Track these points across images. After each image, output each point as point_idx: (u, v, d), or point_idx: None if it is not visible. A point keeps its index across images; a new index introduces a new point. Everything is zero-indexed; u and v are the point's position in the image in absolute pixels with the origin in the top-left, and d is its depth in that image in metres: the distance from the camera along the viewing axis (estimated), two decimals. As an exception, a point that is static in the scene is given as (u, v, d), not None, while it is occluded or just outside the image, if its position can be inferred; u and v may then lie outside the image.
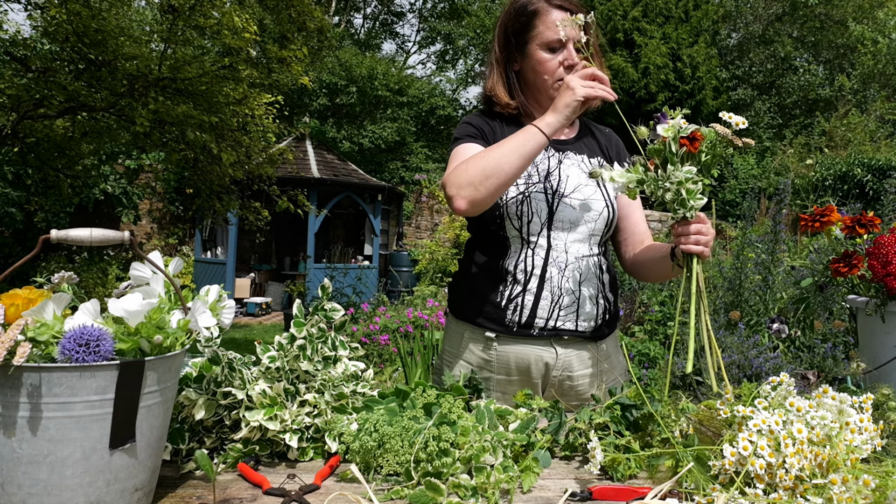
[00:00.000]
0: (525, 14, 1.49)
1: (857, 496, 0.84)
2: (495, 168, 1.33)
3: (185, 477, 1.02)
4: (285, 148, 7.04)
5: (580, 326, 1.50)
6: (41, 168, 6.02)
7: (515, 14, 1.51)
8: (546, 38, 1.47)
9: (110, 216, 9.44)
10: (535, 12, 1.48)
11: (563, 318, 1.48)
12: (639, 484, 1.02)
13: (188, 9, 5.09)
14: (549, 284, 1.47)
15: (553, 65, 1.48)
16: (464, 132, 1.56)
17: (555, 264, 1.48)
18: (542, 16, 1.47)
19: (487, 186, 1.34)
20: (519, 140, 1.35)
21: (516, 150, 1.34)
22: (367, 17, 23.31)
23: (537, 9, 1.48)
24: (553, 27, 1.45)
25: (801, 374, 1.69)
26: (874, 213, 1.64)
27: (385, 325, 5.23)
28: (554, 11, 1.46)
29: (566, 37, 1.44)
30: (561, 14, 1.45)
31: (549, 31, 1.46)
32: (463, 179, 1.35)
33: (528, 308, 1.48)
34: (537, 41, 1.48)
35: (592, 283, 1.51)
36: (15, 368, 0.75)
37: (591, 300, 1.50)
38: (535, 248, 1.48)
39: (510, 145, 1.36)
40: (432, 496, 0.92)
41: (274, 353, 1.14)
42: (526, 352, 1.50)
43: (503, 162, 1.34)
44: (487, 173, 1.34)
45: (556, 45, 1.47)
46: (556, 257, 1.48)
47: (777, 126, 16.74)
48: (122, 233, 0.88)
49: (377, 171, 14.33)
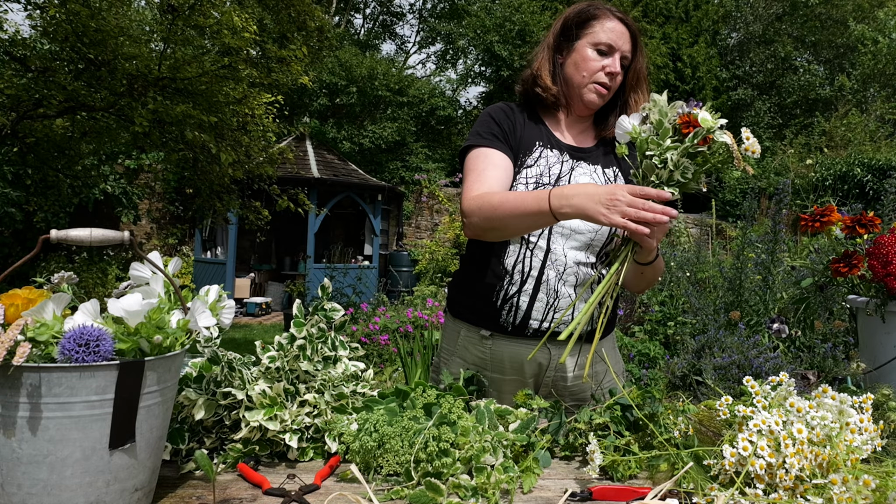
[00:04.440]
0: (587, 13, 1.55)
1: (857, 496, 0.84)
2: (503, 225, 1.39)
3: (185, 477, 1.02)
4: (285, 148, 7.04)
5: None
6: (41, 168, 6.01)
7: (579, 11, 1.56)
8: (598, 38, 1.51)
9: (110, 216, 9.44)
10: (597, 14, 1.54)
11: (558, 321, 1.48)
12: (639, 484, 1.02)
13: (188, 8, 5.09)
14: (546, 287, 1.48)
15: (595, 65, 1.51)
16: (485, 129, 1.56)
17: (552, 267, 1.48)
18: (603, 19, 1.52)
19: (492, 234, 1.45)
20: (528, 204, 1.32)
21: (520, 216, 1.34)
22: (366, 17, 23.31)
23: (600, 12, 1.54)
24: (609, 31, 1.51)
25: (802, 374, 1.69)
26: (874, 213, 1.64)
27: (385, 325, 5.23)
28: (615, 21, 1.53)
29: (616, 45, 1.50)
30: (620, 26, 1.52)
31: (604, 33, 1.51)
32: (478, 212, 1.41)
33: (522, 309, 1.49)
34: (589, 39, 1.52)
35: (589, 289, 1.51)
36: (15, 368, 0.75)
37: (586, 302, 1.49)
38: (535, 250, 1.49)
39: (519, 206, 1.33)
40: (432, 496, 0.92)
41: (274, 353, 1.14)
42: (520, 351, 1.51)
43: (510, 223, 1.37)
44: (495, 225, 1.40)
45: (604, 49, 1.51)
46: (555, 260, 1.48)
47: (777, 126, 16.74)
48: (122, 233, 0.88)
49: (377, 171, 14.33)
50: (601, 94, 1.52)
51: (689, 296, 3.51)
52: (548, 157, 1.54)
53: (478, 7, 17.47)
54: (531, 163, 1.52)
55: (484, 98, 18.45)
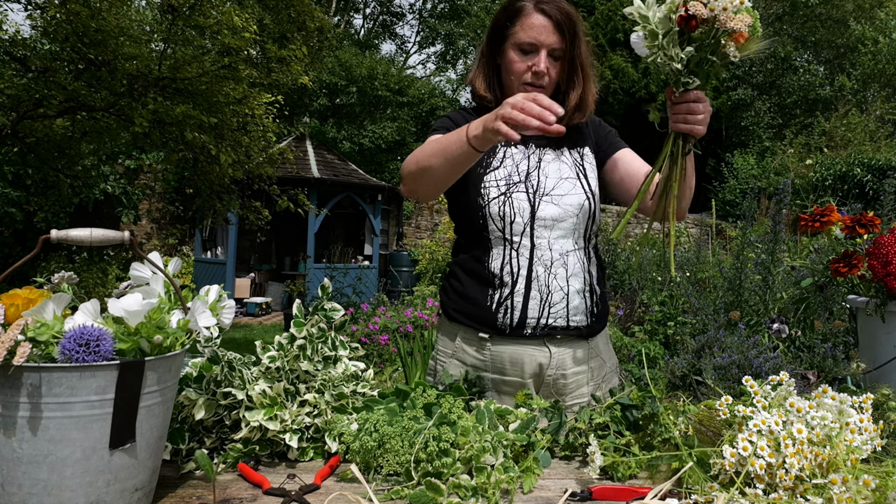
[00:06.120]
0: (510, 10, 1.48)
1: (857, 496, 0.84)
2: (426, 168, 1.37)
3: (185, 477, 1.02)
4: (285, 148, 7.05)
5: (572, 322, 1.50)
6: (41, 168, 6.01)
7: (503, 9, 1.50)
8: (519, 38, 1.45)
9: (110, 216, 9.44)
10: (518, 10, 1.46)
11: (554, 316, 1.48)
12: (639, 484, 1.02)
13: (188, 8, 5.09)
14: (537, 283, 1.47)
15: (520, 67, 1.46)
16: (440, 124, 1.56)
17: (540, 263, 1.48)
18: (523, 17, 1.45)
19: (420, 183, 1.42)
20: (449, 141, 1.33)
21: (443, 153, 1.33)
22: (366, 17, 23.32)
23: (521, 7, 1.45)
24: (528, 29, 1.43)
25: (801, 374, 1.69)
26: (874, 213, 1.64)
27: (385, 325, 5.23)
28: (535, 15, 1.44)
29: (539, 42, 1.43)
30: (542, 19, 1.43)
31: (524, 32, 1.44)
32: (405, 170, 1.44)
33: (518, 309, 1.48)
34: (512, 40, 1.47)
35: (579, 276, 1.51)
36: (15, 368, 0.75)
37: (579, 294, 1.50)
38: (520, 249, 1.48)
39: (441, 145, 1.34)
40: (432, 496, 0.92)
41: (274, 353, 1.14)
42: (520, 352, 1.51)
43: (433, 163, 1.36)
44: (422, 169, 1.38)
45: (527, 48, 1.45)
46: (542, 255, 1.48)
47: (777, 126, 16.74)
48: (122, 233, 0.88)
49: (377, 171, 14.33)
50: None
51: (688, 296, 3.51)
52: (513, 154, 1.52)
53: (478, 7, 17.47)
54: (496, 164, 1.51)
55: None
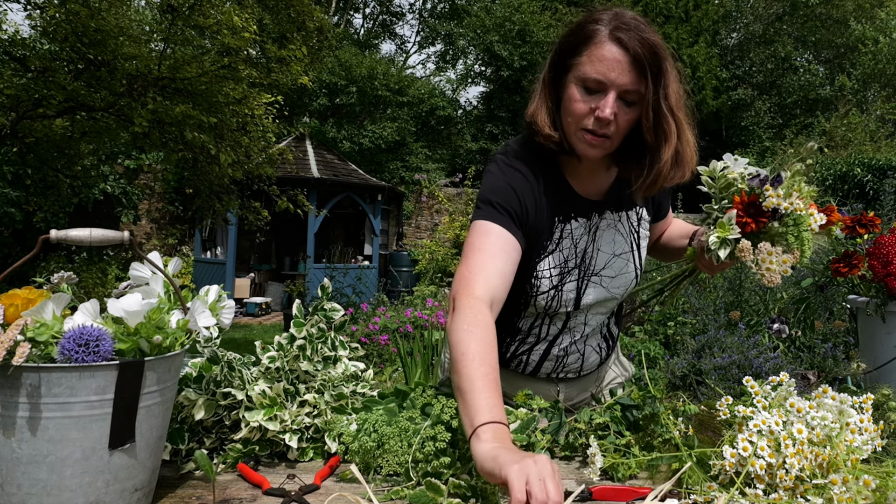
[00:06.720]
0: (580, 35, 1.17)
1: (858, 496, 0.84)
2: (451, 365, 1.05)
3: (185, 477, 1.02)
4: (285, 148, 7.05)
5: (584, 371, 1.48)
6: (40, 168, 6.01)
7: (572, 31, 1.20)
8: (584, 72, 1.15)
9: (110, 216, 9.43)
10: (588, 36, 1.15)
11: (566, 371, 1.46)
12: (639, 484, 1.02)
13: (188, 8, 5.09)
14: (558, 347, 1.42)
15: (581, 108, 1.16)
16: (499, 198, 1.23)
17: (569, 333, 1.41)
18: (593, 45, 1.14)
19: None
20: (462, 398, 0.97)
21: (456, 389, 1.00)
22: (366, 17, 23.32)
23: (593, 33, 1.15)
24: (597, 62, 1.13)
25: (802, 374, 1.69)
26: (874, 213, 1.64)
27: (385, 325, 5.23)
28: (609, 45, 1.13)
29: (608, 80, 1.13)
30: (616, 51, 1.12)
31: (591, 65, 1.13)
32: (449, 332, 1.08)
33: (531, 365, 1.44)
34: (576, 72, 1.16)
35: (599, 333, 1.47)
36: (14, 368, 0.75)
37: (595, 350, 1.47)
38: (554, 318, 1.38)
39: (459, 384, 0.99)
40: (432, 496, 0.92)
41: (274, 354, 1.14)
42: (530, 385, 1.46)
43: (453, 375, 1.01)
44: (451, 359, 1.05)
45: (592, 86, 1.14)
46: (573, 327, 1.41)
47: (777, 126, 16.73)
48: (122, 233, 0.88)
49: (377, 171, 14.32)
50: (593, 144, 1.18)
51: (689, 296, 3.51)
52: (571, 233, 1.31)
53: (478, 7, 17.47)
54: (552, 248, 1.30)
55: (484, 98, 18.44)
